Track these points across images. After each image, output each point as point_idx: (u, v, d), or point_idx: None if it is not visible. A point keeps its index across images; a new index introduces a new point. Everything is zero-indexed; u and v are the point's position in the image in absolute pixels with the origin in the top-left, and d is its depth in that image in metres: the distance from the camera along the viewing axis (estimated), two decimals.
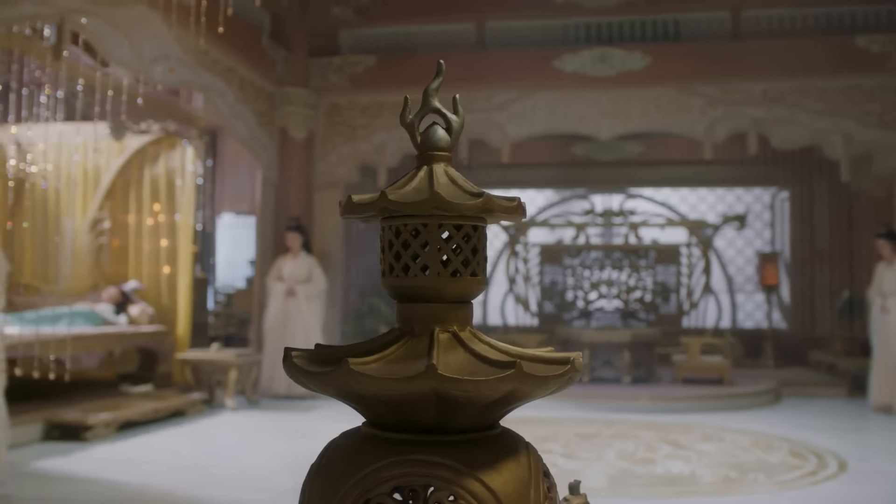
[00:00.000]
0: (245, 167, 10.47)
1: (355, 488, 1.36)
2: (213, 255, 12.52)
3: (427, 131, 1.56)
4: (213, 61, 8.09)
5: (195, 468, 5.31)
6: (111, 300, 8.27)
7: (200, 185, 8.77)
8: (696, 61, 8.88)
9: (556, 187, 12.45)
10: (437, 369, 1.28)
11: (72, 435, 6.04)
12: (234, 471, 5.27)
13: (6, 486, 4.53)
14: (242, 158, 10.38)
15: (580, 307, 11.43)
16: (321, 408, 7.98)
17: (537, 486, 1.40)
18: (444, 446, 1.37)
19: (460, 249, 1.46)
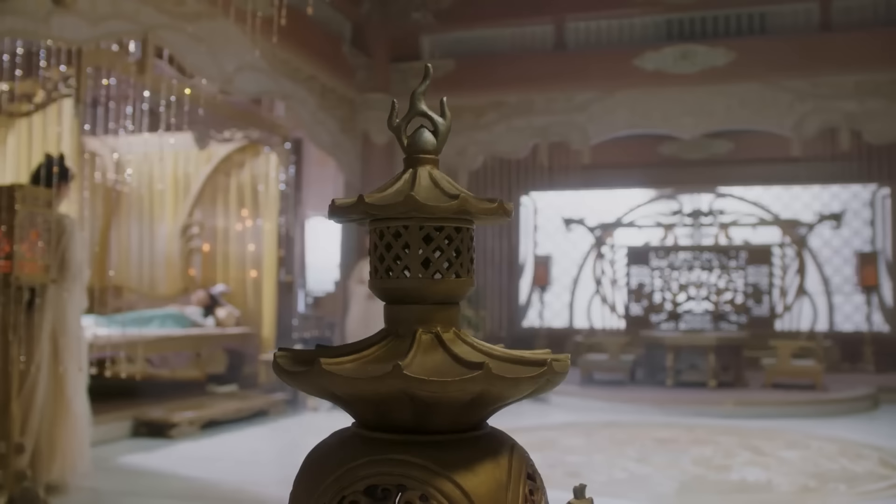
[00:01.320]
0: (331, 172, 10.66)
1: (333, 486, 1.38)
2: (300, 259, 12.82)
3: (414, 135, 1.57)
4: (294, 70, 8.30)
5: (270, 466, 5.46)
6: (200, 303, 8.58)
7: (284, 191, 8.99)
8: (782, 55, 8.58)
9: (642, 188, 12.22)
10: (402, 370, 1.29)
11: (158, 432, 6.29)
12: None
13: (91, 479, 4.76)
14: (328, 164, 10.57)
15: (668, 309, 11.19)
16: None
17: (516, 489, 1.39)
18: (422, 446, 1.38)
19: (442, 251, 1.46)
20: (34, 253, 4.24)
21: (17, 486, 4.23)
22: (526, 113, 9.42)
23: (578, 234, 12.12)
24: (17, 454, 4.24)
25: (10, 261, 4.10)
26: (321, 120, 8.84)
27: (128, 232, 9.21)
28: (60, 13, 5.06)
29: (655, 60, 8.89)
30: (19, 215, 4.13)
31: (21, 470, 4.26)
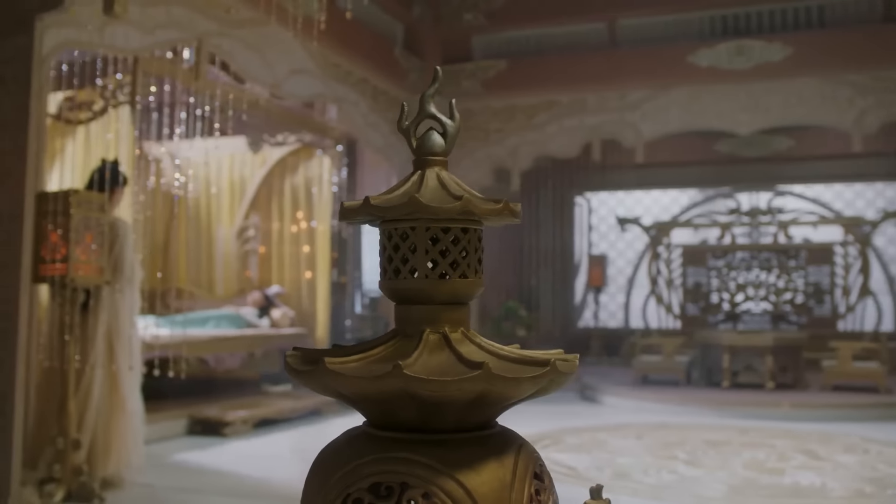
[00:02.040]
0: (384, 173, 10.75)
1: (339, 483, 1.41)
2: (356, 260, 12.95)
3: (423, 137, 1.58)
4: (345, 73, 8.39)
5: None
6: (255, 304, 8.73)
7: (336, 193, 9.10)
8: (842, 48, 8.36)
9: (699, 186, 12.04)
10: (403, 369, 1.30)
11: (212, 430, 6.43)
12: None
13: (145, 475, 4.89)
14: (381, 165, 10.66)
15: (726, 310, 11.00)
16: None
17: (520, 488, 1.40)
18: (427, 445, 1.39)
19: (448, 252, 1.48)
20: (89, 256, 4.38)
21: (74, 480, 4.37)
22: (578, 112, 9.35)
23: (633, 234, 12.00)
24: (74, 450, 4.39)
25: (65, 263, 4.24)
26: (373, 122, 8.91)
27: (187, 235, 9.42)
28: (115, 23, 5.20)
29: (710, 57, 8.75)
30: (74, 219, 4.27)
31: (78, 465, 4.40)
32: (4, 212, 4.19)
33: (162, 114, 6.79)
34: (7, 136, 4.22)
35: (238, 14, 6.46)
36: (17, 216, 4.14)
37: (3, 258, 4.16)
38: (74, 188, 4.47)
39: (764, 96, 8.63)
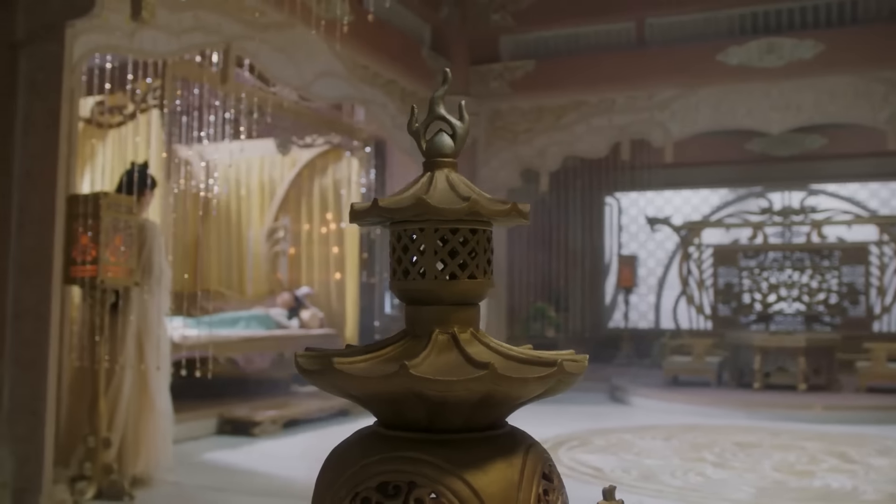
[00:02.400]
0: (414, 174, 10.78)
1: (348, 482, 1.42)
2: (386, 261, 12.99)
3: (432, 139, 1.59)
4: (373, 75, 8.43)
5: None
6: (285, 305, 8.80)
7: (365, 194, 9.14)
8: (875, 45, 8.23)
9: (730, 186, 11.92)
10: (409, 369, 1.31)
11: (241, 430, 6.49)
12: None
13: (175, 474, 4.96)
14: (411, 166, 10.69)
15: (758, 310, 10.88)
16: None
17: (528, 488, 1.40)
18: (435, 445, 1.40)
19: (457, 253, 1.48)
20: (118, 257, 4.45)
21: (104, 478, 4.45)
22: (606, 112, 9.31)
23: (664, 234, 11.91)
24: (104, 448, 4.46)
25: (95, 265, 4.31)
26: (401, 124, 8.94)
27: (217, 236, 9.52)
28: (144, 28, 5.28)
29: (739, 55, 8.66)
30: (104, 222, 4.34)
31: (108, 463, 4.47)
32: (36, 215, 4.27)
33: (191, 117, 6.87)
34: (38, 141, 4.30)
35: (266, 17, 6.52)
36: (49, 219, 4.22)
37: (34, 260, 4.24)
38: (104, 191, 4.54)
39: (795, 94, 8.53)
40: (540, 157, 9.66)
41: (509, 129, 9.77)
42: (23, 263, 4.28)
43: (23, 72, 4.38)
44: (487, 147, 9.86)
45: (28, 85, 4.36)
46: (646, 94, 9.11)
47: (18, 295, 4.27)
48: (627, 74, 9.13)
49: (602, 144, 9.39)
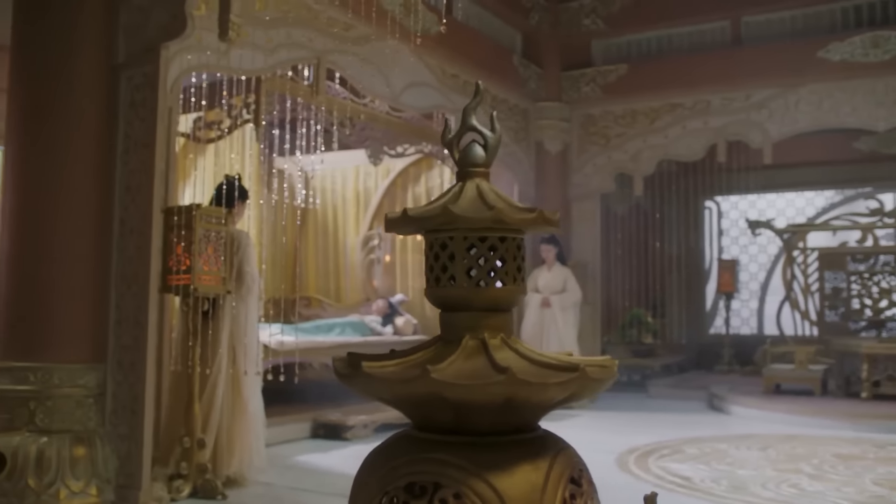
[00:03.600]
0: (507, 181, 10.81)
1: (379, 481, 1.48)
2: None
3: (465, 149, 1.63)
4: (463, 84, 8.51)
5: None
6: (379, 312, 8.97)
7: None
8: None
9: (836, 186, 11.45)
10: (430, 373, 1.36)
11: (334, 434, 6.66)
12: None
13: (267, 475, 5.13)
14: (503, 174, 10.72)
15: (868, 316, 10.40)
16: (572, 417, 8.05)
17: (553, 492, 1.43)
18: (462, 447, 1.45)
19: (485, 260, 1.52)
20: (210, 266, 4.66)
21: (199, 477, 4.65)
22: (702, 114, 9.12)
23: (766, 238, 11.54)
24: (199, 449, 4.66)
25: (189, 274, 4.53)
26: None
27: (315, 245, 9.79)
28: (238, 46, 5.51)
29: (842, 50, 8.35)
30: (197, 233, 4.55)
31: (203, 463, 4.68)
32: (135, 227, 4.52)
33: (284, 130, 7.11)
34: (137, 157, 4.55)
35: (355, 31, 6.68)
36: (146, 231, 4.46)
37: (133, 270, 4.49)
38: (197, 203, 4.76)
39: None
40: (633, 162, 9.54)
41: (602, 133, 9.69)
42: (123, 273, 4.53)
43: (123, 92, 4.65)
44: (580, 153, 9.81)
45: (128, 105, 4.62)
46: (742, 95, 8.88)
47: (119, 302, 4.52)
48: (723, 75, 8.93)
49: (697, 147, 9.20)
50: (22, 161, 4.64)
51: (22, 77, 4.69)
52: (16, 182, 4.64)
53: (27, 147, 4.63)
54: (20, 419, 4.38)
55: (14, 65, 4.74)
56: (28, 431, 4.36)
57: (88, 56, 4.63)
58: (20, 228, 4.58)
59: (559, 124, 9.71)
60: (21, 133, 4.66)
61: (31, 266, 4.51)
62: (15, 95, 4.72)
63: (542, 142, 9.71)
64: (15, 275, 4.56)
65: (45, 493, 4.26)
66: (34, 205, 4.55)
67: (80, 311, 4.50)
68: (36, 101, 4.64)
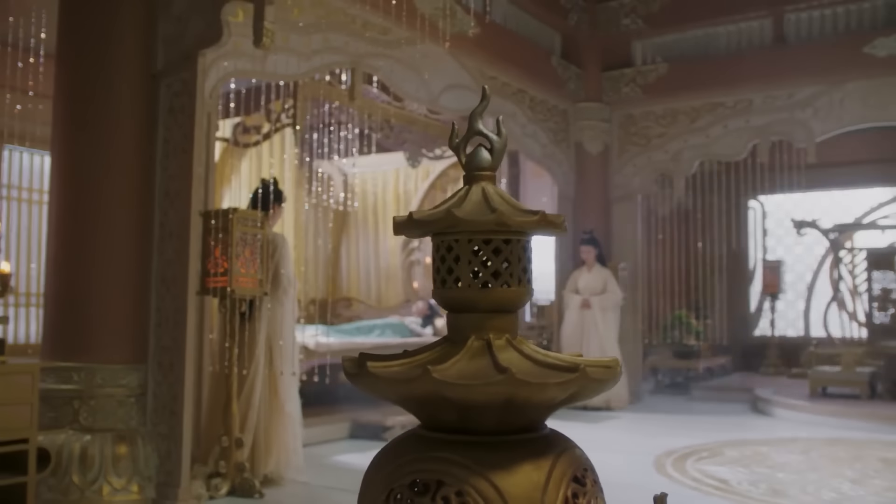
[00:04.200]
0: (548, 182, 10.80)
1: (386, 479, 1.51)
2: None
3: (471, 153, 1.65)
4: (502, 85, 8.53)
5: None
6: (420, 313, 9.03)
7: None
8: None
9: (885, 185, 11.20)
10: (431, 373, 1.39)
11: (373, 434, 6.71)
12: None
13: (304, 474, 5.20)
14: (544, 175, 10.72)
15: None
16: (611, 419, 8.01)
17: (554, 491, 1.44)
18: (466, 446, 1.47)
19: (490, 262, 1.54)
20: (248, 269, 4.75)
21: (237, 476, 4.74)
22: (743, 113, 9.00)
23: (812, 238, 11.34)
24: (237, 448, 4.75)
25: (226, 276, 4.62)
26: (531, 132, 8.99)
27: (356, 247, 9.88)
28: (276, 52, 5.60)
29: (888, 46, 8.17)
30: (234, 235, 4.64)
31: (241, 462, 4.76)
32: (174, 230, 4.62)
33: (322, 133, 7.19)
34: (176, 162, 4.65)
35: (391, 35, 6.73)
36: (184, 234, 4.56)
37: (172, 272, 4.59)
38: (234, 206, 4.85)
39: None
40: (674, 162, 9.45)
41: (642, 134, 9.62)
42: (163, 275, 4.64)
43: (162, 99, 4.76)
44: (621, 153, 9.75)
45: (167, 111, 4.73)
46: (785, 93, 8.75)
47: (159, 304, 4.63)
48: (765, 73, 8.80)
49: (739, 146, 9.08)
50: (67, 167, 4.78)
51: (66, 86, 4.83)
52: (61, 187, 4.78)
53: (72, 153, 4.77)
54: (65, 418, 4.51)
55: (59, 74, 4.88)
56: (72, 430, 4.49)
57: (129, 65, 4.75)
58: (65, 233, 4.72)
59: (599, 125, 9.66)
60: (66, 140, 4.80)
61: (74, 269, 4.65)
62: (60, 104, 4.86)
63: (582, 143, 9.68)
64: (60, 278, 4.70)
65: (88, 490, 4.38)
66: (78, 209, 4.69)
67: (122, 313, 4.62)
68: (80, 109, 4.77)
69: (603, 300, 8.82)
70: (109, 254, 4.63)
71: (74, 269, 4.65)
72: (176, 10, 4.73)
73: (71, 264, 4.66)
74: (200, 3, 4.62)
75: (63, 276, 4.69)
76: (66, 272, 4.68)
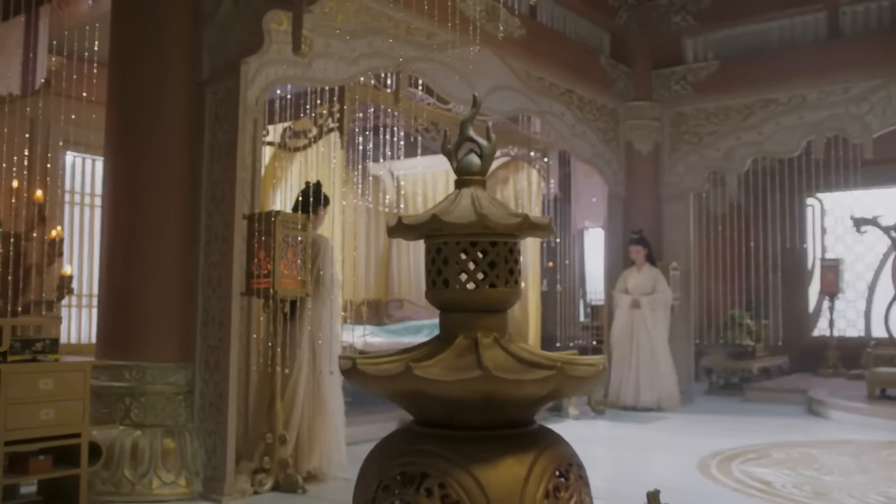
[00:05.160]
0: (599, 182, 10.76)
1: (377, 471, 1.59)
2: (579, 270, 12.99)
3: (462, 159, 1.72)
4: (549, 86, 8.53)
5: None
6: None
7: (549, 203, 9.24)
8: None
9: None
10: (412, 370, 1.46)
11: None
12: None
13: (347, 471, 5.31)
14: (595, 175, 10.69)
15: None
16: (661, 419, 7.95)
17: (535, 484, 1.50)
18: (452, 440, 1.54)
19: (477, 264, 1.61)
20: (291, 270, 4.87)
21: (281, 472, 4.87)
22: (797, 109, 8.84)
23: (873, 235, 11.05)
24: (281, 445, 4.88)
25: (269, 278, 4.75)
26: (580, 133, 8.97)
27: (407, 248, 9.98)
28: (321, 57, 5.72)
29: None
30: (277, 238, 4.77)
31: (285, 459, 4.89)
32: (220, 234, 4.78)
33: (368, 136, 7.30)
34: (220, 167, 4.81)
35: (436, 38, 6.80)
36: (229, 237, 4.71)
37: (218, 274, 4.74)
38: (277, 210, 4.98)
39: None
40: (726, 160, 9.33)
41: (694, 132, 9.52)
42: (209, 277, 4.80)
43: (208, 107, 4.92)
44: (672, 152, 9.66)
45: (212, 118, 4.89)
46: (840, 88, 8.57)
47: (206, 305, 4.79)
48: (819, 68, 8.63)
49: (793, 143, 8.92)
50: (119, 172, 4.98)
51: (118, 94, 5.03)
52: (113, 192, 4.98)
53: (123, 159, 4.97)
54: (117, 413, 4.71)
55: (111, 83, 5.09)
56: (123, 425, 4.69)
57: (176, 74, 4.93)
58: (117, 236, 4.92)
59: (650, 124, 9.59)
60: (118, 146, 5.00)
61: (126, 271, 4.84)
62: (112, 111, 5.07)
63: (632, 142, 9.62)
64: (112, 280, 4.90)
65: (139, 483, 4.56)
66: (129, 214, 4.88)
67: (170, 314, 4.80)
68: (131, 116, 4.97)
69: (652, 300, 8.76)
70: (159, 256, 4.82)
71: (126, 271, 4.84)
72: (219, 19, 4.89)
73: (123, 267, 4.86)
74: (242, 12, 4.76)
75: (115, 279, 4.89)
76: (118, 274, 4.88)
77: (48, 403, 4.02)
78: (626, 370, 8.69)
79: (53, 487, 4.25)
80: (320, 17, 5.66)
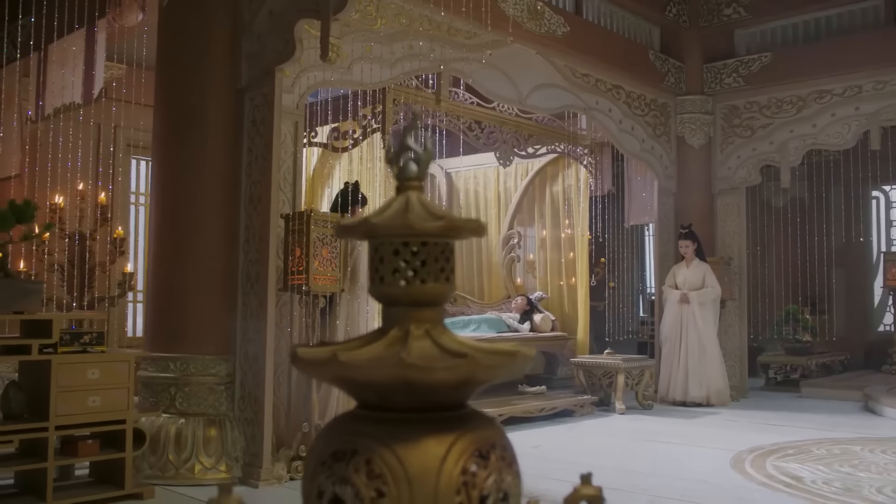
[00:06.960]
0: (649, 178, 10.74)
1: (317, 450, 1.76)
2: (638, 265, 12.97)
3: (401, 166, 1.87)
4: (595, 82, 8.57)
5: (543, 461, 5.79)
6: (519, 309, 9.21)
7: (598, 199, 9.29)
8: None
9: None
10: (337, 357, 1.62)
11: None
12: (579, 468, 5.63)
13: None
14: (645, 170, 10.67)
15: None
16: (709, 415, 7.94)
17: (453, 463, 1.64)
18: (383, 422, 1.70)
19: (407, 263, 1.76)
20: (325, 267, 5.09)
21: None
22: (852, 100, 8.68)
23: None
24: (316, 434, 5.11)
25: (304, 275, 4.98)
26: (627, 128, 8.99)
27: (459, 245, 10.16)
28: (362, 61, 5.93)
29: None
30: (311, 236, 5.00)
31: None
32: (258, 232, 5.03)
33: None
34: (258, 169, 5.06)
35: (477, 38, 6.93)
36: (266, 235, 4.95)
37: (255, 271, 5.00)
38: (311, 208, 5.21)
39: None
40: (780, 152, 9.22)
41: (746, 125, 9.43)
42: (248, 274, 5.06)
43: (247, 112, 5.18)
44: (724, 146, 9.59)
45: (250, 123, 5.14)
46: None
47: (245, 300, 5.05)
48: (875, 57, 8.47)
49: (848, 135, 8.77)
50: (165, 175, 5.28)
51: (164, 100, 5.34)
52: (160, 193, 5.29)
53: (169, 162, 5.27)
54: (163, 402, 5.01)
55: (158, 90, 5.40)
56: (168, 413, 4.98)
57: (218, 81, 5.20)
58: (164, 234, 5.23)
59: (702, 117, 9.54)
60: (164, 150, 5.31)
61: (172, 268, 5.14)
62: (159, 117, 5.38)
63: (684, 136, 9.59)
64: (159, 277, 5.21)
65: (182, 468, 4.85)
66: (175, 214, 5.18)
67: (212, 308, 5.07)
68: (176, 121, 5.26)
69: (701, 295, 8.73)
70: (201, 255, 5.10)
71: (171, 268, 5.14)
72: (256, 29, 5.14)
73: (168, 264, 5.16)
74: (277, 22, 5.00)
75: (162, 275, 5.19)
76: (165, 271, 5.18)
77: (95, 391, 4.32)
78: (675, 365, 8.68)
79: (103, 470, 4.56)
80: (358, 22, 5.87)
